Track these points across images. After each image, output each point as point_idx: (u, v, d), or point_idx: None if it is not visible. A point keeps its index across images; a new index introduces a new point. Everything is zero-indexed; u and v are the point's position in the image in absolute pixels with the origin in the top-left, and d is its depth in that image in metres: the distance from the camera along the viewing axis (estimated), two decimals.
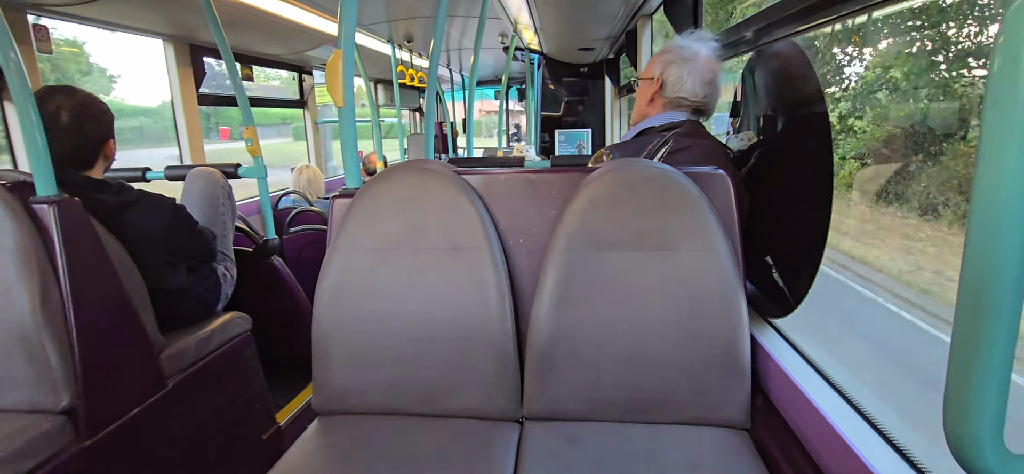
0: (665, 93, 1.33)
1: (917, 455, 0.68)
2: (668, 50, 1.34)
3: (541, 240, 1.09)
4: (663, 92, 1.33)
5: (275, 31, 2.80)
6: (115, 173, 1.92)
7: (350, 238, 1.07)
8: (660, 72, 1.33)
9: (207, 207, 1.71)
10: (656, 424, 1.00)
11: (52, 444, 1.05)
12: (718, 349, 0.97)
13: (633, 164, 1.04)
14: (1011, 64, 0.35)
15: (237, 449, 1.58)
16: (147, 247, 1.38)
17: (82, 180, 1.32)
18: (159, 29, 2.48)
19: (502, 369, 1.04)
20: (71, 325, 1.09)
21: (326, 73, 1.19)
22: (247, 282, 1.87)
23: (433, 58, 1.73)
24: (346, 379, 1.08)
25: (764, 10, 1.22)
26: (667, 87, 1.32)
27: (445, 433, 1.02)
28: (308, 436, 1.04)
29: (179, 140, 2.73)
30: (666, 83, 1.32)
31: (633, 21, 2.93)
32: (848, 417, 0.76)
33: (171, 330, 1.44)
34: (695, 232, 0.98)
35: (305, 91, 4.09)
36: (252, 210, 3.20)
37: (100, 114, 1.38)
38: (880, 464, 0.67)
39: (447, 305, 1.04)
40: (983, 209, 0.38)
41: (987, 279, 0.38)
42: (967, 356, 0.40)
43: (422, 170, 1.09)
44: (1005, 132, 0.36)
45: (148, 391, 1.26)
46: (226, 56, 1.92)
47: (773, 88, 1.32)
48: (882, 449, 0.70)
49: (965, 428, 0.41)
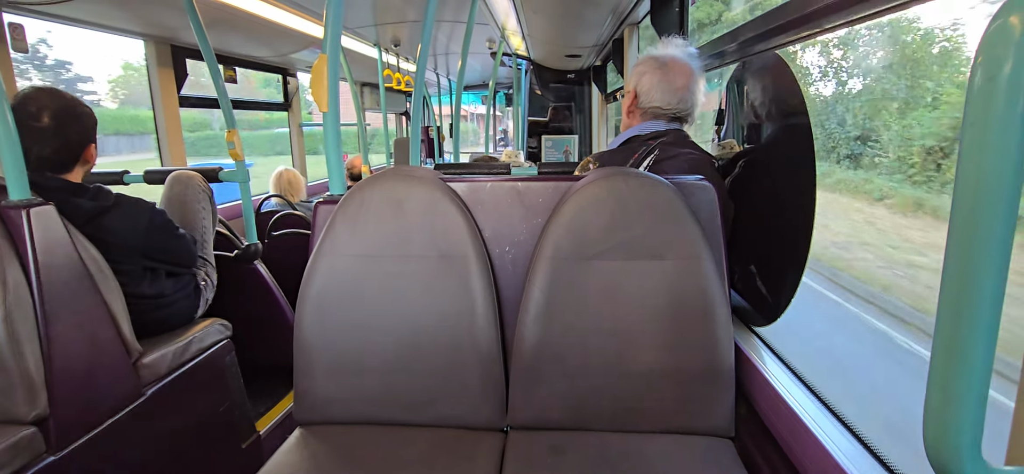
0: (640, 104, 1.35)
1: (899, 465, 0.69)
2: (641, 61, 1.36)
3: (527, 248, 1.09)
4: (638, 103, 1.35)
5: (259, 33, 2.76)
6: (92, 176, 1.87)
7: (334, 245, 1.05)
8: (634, 83, 1.35)
9: (187, 211, 1.67)
10: (641, 433, 1.00)
11: (22, 455, 1.01)
12: (702, 358, 0.97)
13: (619, 173, 1.05)
14: (987, 84, 0.35)
15: (216, 458, 1.54)
16: (125, 252, 1.35)
17: (58, 183, 1.29)
18: (139, 29, 2.43)
19: (487, 378, 1.03)
20: (43, 333, 1.06)
21: (311, 78, 1.18)
22: (228, 287, 1.84)
23: (420, 63, 1.72)
24: (329, 389, 1.06)
25: (747, 23, 1.24)
26: (641, 98, 1.34)
27: (429, 443, 1.01)
28: (289, 446, 1.02)
29: (160, 143, 2.68)
30: (640, 94, 1.34)
31: (620, 29, 2.95)
32: (830, 426, 0.77)
33: (149, 337, 1.41)
34: (680, 241, 0.98)
35: (289, 94, 4.05)
36: (235, 214, 3.15)
37: (83, 118, 1.35)
38: (862, 472, 0.67)
39: (432, 314, 1.03)
40: (963, 224, 0.38)
41: (967, 293, 0.38)
42: (947, 369, 0.41)
43: (407, 177, 1.08)
44: (984, 151, 0.36)
45: (123, 400, 1.23)
46: (208, 58, 1.89)
47: (757, 98, 1.34)
48: (863, 458, 0.70)
49: (945, 440, 0.42)
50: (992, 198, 0.36)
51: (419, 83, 1.73)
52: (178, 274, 1.54)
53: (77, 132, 1.33)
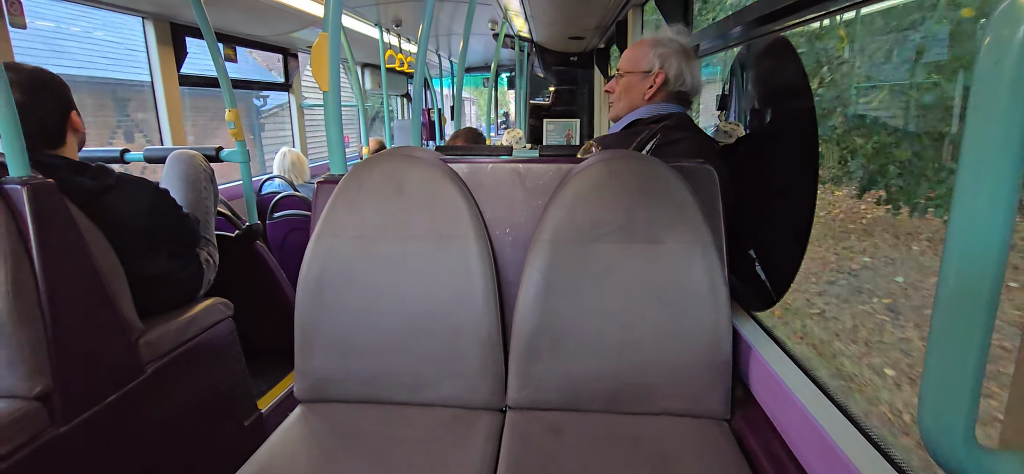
0: (668, 87, 1.35)
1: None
2: (662, 44, 1.35)
3: (527, 230, 1.09)
4: (665, 86, 1.35)
5: (259, 11, 2.73)
6: (92, 155, 1.87)
7: (334, 226, 1.05)
8: (660, 66, 1.34)
9: (189, 191, 1.67)
10: (638, 415, 1.01)
11: (26, 429, 1.03)
12: (700, 342, 0.98)
13: (620, 156, 1.04)
14: (994, 68, 0.35)
15: (218, 435, 1.56)
16: (128, 232, 1.35)
17: (58, 161, 1.28)
18: (139, 7, 2.40)
19: (486, 359, 1.04)
20: (45, 309, 1.06)
21: (312, 57, 1.17)
22: (229, 267, 1.84)
23: (421, 43, 1.70)
24: (329, 368, 1.07)
25: (750, 6, 1.22)
26: (670, 82, 1.34)
27: (428, 422, 1.02)
28: (290, 423, 1.03)
29: (159, 122, 2.66)
30: (670, 77, 1.34)
31: (624, 11, 2.92)
32: (825, 409, 0.78)
33: (152, 316, 1.41)
34: (680, 225, 0.98)
35: (290, 73, 4.01)
36: (236, 194, 3.15)
37: (55, 86, 1.31)
38: (855, 455, 0.68)
39: (432, 295, 1.03)
40: (964, 210, 0.38)
41: (966, 278, 0.38)
42: (944, 353, 0.41)
43: (408, 158, 1.07)
44: (987, 136, 0.36)
45: (125, 377, 1.24)
46: (208, 36, 1.87)
47: (760, 82, 1.33)
48: (857, 441, 0.71)
49: (940, 422, 0.42)
50: (996, 184, 0.36)
51: (420, 64, 1.71)
52: (181, 254, 1.55)
53: (53, 100, 1.30)
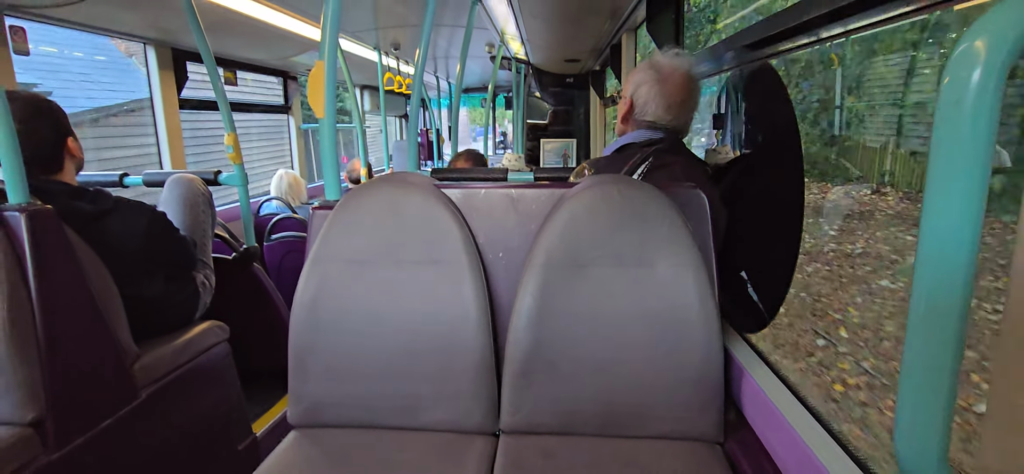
0: (635, 115, 1.34)
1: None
2: (641, 69, 1.34)
3: (520, 254, 1.10)
4: (633, 114, 1.34)
5: (259, 36, 2.78)
6: (91, 179, 1.89)
7: (329, 250, 1.07)
8: (631, 92, 1.34)
9: (187, 214, 1.69)
10: (631, 438, 1.01)
11: (19, 456, 1.02)
12: (692, 365, 0.98)
13: (612, 181, 1.06)
14: (954, 108, 0.36)
15: (212, 460, 1.55)
16: (125, 255, 1.36)
17: (57, 187, 1.29)
18: (141, 33, 2.45)
19: (479, 383, 1.04)
20: (40, 335, 1.07)
21: (308, 84, 1.19)
22: (226, 290, 1.85)
23: (418, 67, 1.73)
24: (322, 392, 1.07)
25: (741, 32, 1.25)
26: (636, 109, 1.33)
27: (421, 446, 1.02)
28: (283, 448, 1.03)
29: (159, 145, 2.69)
30: (636, 104, 1.33)
31: (618, 35, 2.97)
32: (817, 433, 0.78)
33: (148, 339, 1.42)
34: (671, 249, 0.99)
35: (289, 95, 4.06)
36: (234, 216, 3.16)
37: (50, 111, 1.32)
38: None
39: (426, 319, 1.04)
40: (931, 243, 0.40)
41: (934, 314, 0.40)
42: (916, 383, 0.42)
43: (402, 183, 1.09)
44: (950, 173, 0.37)
45: (120, 402, 1.24)
46: (208, 61, 1.90)
47: (747, 105, 1.35)
48: (850, 468, 0.71)
49: (915, 451, 0.43)
50: (956, 223, 0.37)
51: (417, 87, 1.74)
52: (177, 277, 1.55)
53: (49, 126, 1.31)
